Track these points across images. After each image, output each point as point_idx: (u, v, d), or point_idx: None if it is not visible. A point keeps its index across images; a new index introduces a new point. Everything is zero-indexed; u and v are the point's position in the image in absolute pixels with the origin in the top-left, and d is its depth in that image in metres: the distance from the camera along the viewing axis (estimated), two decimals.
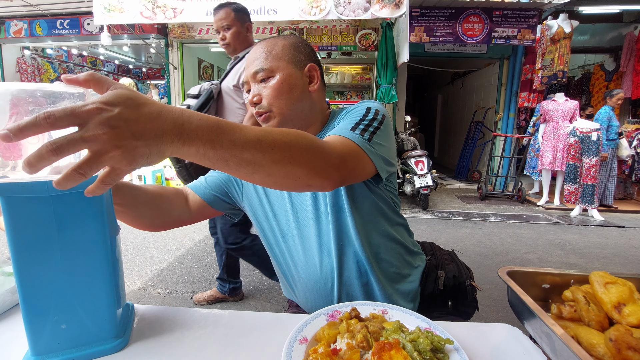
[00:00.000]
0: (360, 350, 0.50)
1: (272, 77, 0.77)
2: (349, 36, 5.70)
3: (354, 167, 0.63)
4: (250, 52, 0.81)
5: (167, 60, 6.23)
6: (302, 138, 0.52)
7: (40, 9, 5.72)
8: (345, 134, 0.65)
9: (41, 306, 0.51)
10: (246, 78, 0.81)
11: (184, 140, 0.41)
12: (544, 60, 5.01)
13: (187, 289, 2.35)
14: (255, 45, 0.82)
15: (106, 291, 0.55)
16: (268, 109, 0.77)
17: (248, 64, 0.80)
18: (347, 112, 0.77)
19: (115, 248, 0.58)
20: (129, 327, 0.61)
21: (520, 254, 3.11)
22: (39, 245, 0.50)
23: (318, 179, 0.54)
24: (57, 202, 0.49)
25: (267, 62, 0.77)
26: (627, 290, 0.56)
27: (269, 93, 0.77)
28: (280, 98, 0.77)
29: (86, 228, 0.52)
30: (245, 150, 0.45)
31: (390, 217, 0.84)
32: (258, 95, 0.78)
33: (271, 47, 0.79)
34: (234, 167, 0.46)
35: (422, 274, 0.89)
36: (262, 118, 0.79)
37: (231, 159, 0.45)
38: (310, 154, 0.53)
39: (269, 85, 0.77)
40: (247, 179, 0.50)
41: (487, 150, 6.07)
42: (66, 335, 0.53)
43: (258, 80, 0.78)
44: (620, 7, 5.29)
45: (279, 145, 0.49)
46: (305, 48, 0.82)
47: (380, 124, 0.71)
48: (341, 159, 0.59)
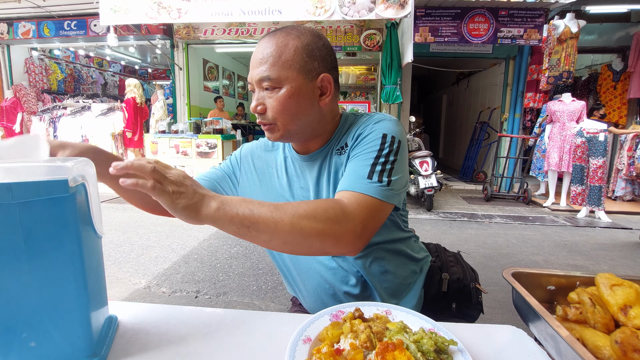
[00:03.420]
0: (363, 350, 0.50)
1: (278, 89, 0.69)
2: (353, 36, 5.69)
3: (377, 224, 0.66)
4: (258, 47, 0.71)
5: (172, 61, 6.27)
6: (325, 220, 0.58)
7: (48, 11, 5.79)
8: (364, 188, 0.63)
9: (8, 322, 0.47)
10: (250, 79, 0.73)
11: (215, 222, 0.55)
12: (550, 61, 4.96)
13: (191, 288, 2.37)
14: (264, 37, 0.72)
15: (80, 306, 0.51)
16: (272, 122, 0.72)
17: (254, 62, 0.71)
18: (362, 139, 0.71)
19: (93, 258, 0.54)
20: (108, 344, 0.56)
21: (526, 255, 3.08)
22: (3, 257, 0.45)
23: (343, 250, 0.62)
24: (24, 210, 0.44)
25: (275, 70, 0.68)
26: (634, 292, 0.55)
27: (274, 106, 0.70)
28: (285, 113, 0.70)
29: (57, 238, 0.47)
30: (275, 237, 0.57)
31: (397, 235, 0.81)
32: (262, 105, 0.71)
33: (282, 49, 0.69)
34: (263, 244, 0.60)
35: (426, 276, 0.88)
36: (265, 128, 0.74)
37: (263, 244, 0.59)
38: (333, 238, 0.59)
39: (275, 97, 0.70)
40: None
41: (493, 151, 6.03)
42: (36, 353, 0.49)
43: (262, 88, 0.71)
44: (628, 7, 5.23)
45: (308, 232, 0.57)
46: (321, 51, 0.73)
47: (397, 154, 0.68)
48: (364, 226, 0.62)
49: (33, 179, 0.44)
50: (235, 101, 9.25)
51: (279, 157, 0.86)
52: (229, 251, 3.06)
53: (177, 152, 5.42)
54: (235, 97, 9.62)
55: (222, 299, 2.25)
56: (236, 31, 5.88)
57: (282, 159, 0.85)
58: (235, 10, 4.21)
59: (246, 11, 4.20)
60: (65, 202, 0.46)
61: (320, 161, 0.79)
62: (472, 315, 0.89)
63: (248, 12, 4.20)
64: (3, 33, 6.26)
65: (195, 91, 6.83)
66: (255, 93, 0.73)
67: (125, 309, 0.68)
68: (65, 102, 6.29)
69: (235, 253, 3.02)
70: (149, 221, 3.90)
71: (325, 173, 0.77)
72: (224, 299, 2.24)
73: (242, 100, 9.85)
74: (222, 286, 2.41)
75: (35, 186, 0.44)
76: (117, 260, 2.84)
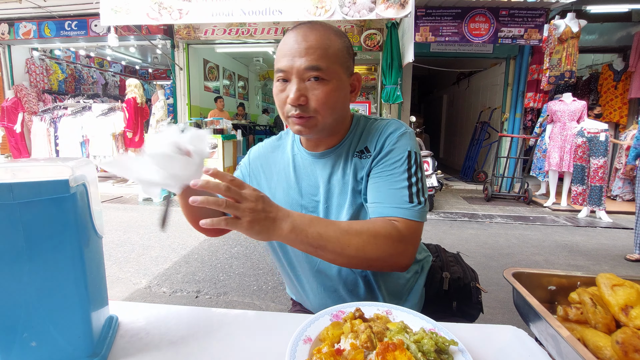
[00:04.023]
0: (364, 350, 0.50)
1: (326, 81, 0.68)
2: (354, 36, 5.69)
3: (420, 241, 0.75)
4: (298, 37, 0.68)
5: (173, 61, 6.28)
6: (387, 247, 0.65)
7: (49, 11, 5.80)
8: (410, 214, 0.69)
9: (9, 322, 0.47)
10: (289, 67, 0.68)
11: (286, 242, 0.62)
12: (551, 60, 4.96)
13: (192, 288, 2.37)
14: (302, 28, 0.69)
15: (80, 306, 0.50)
16: (313, 114, 0.69)
17: (297, 51, 0.67)
18: (387, 153, 0.73)
19: (93, 257, 0.53)
20: (109, 344, 0.56)
21: (527, 255, 3.08)
22: (4, 257, 0.45)
23: (397, 270, 0.72)
24: (25, 210, 0.44)
25: (325, 61, 0.67)
26: (635, 292, 0.55)
27: (320, 97, 0.68)
28: (328, 106, 0.69)
29: (57, 238, 0.47)
30: (340, 257, 0.64)
31: None
32: (305, 96, 0.68)
33: (327, 43, 0.68)
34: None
35: (427, 275, 0.89)
36: (302, 121, 0.70)
37: (327, 260, 0.66)
38: (392, 261, 0.67)
39: (322, 89, 0.68)
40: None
41: (493, 151, 6.02)
42: (36, 353, 0.49)
43: (305, 78, 0.68)
44: (629, 6, 5.22)
45: (371, 257, 0.65)
46: (351, 50, 0.75)
47: (421, 168, 0.74)
48: (414, 247, 0.71)
49: (34, 179, 0.45)
50: (236, 101, 9.26)
51: (286, 154, 0.86)
52: (230, 251, 3.06)
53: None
54: (235, 97, 9.62)
55: (223, 299, 2.25)
56: (236, 31, 5.88)
57: (289, 157, 0.85)
58: (236, 10, 4.21)
59: (247, 11, 4.21)
60: (65, 202, 0.46)
61: (333, 159, 0.79)
62: (472, 315, 0.90)
63: (248, 12, 4.21)
64: (4, 33, 6.27)
65: (195, 91, 6.83)
66: (292, 83, 0.69)
67: (126, 309, 0.68)
68: (66, 102, 6.29)
69: (236, 253, 3.02)
70: (149, 221, 3.91)
71: (338, 172, 0.78)
72: (224, 299, 2.25)
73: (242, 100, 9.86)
74: (222, 286, 2.41)
75: (36, 186, 0.45)
76: (118, 260, 2.85)
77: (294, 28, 0.71)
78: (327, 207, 0.78)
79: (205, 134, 0.63)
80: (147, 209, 4.59)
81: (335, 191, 0.77)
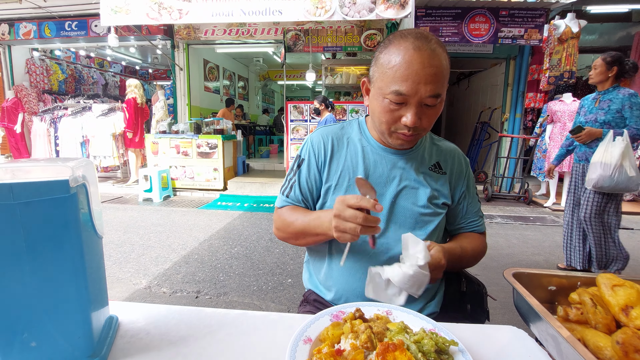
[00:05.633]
0: (364, 350, 0.50)
1: (439, 103, 0.73)
2: (354, 37, 5.70)
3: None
4: (424, 60, 0.67)
5: (173, 61, 6.28)
6: (481, 257, 0.91)
7: (49, 11, 5.80)
8: (483, 225, 0.95)
9: (9, 322, 0.47)
10: (414, 92, 0.69)
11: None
12: (551, 61, 4.96)
13: (192, 289, 2.37)
14: (424, 49, 0.68)
15: (80, 306, 0.51)
16: (420, 132, 0.75)
17: (424, 77, 0.67)
18: (470, 181, 0.94)
19: (93, 258, 0.54)
20: (109, 344, 0.57)
21: (527, 255, 3.08)
22: (4, 257, 0.45)
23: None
24: (25, 210, 0.44)
25: (443, 87, 0.71)
26: (635, 292, 0.55)
27: (431, 119, 0.74)
28: (432, 124, 0.76)
29: (57, 238, 0.47)
30: (461, 267, 0.91)
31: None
32: (419, 120, 0.72)
33: (445, 68, 0.71)
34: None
35: (445, 279, 0.94)
36: (410, 138, 0.76)
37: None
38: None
39: (434, 111, 0.73)
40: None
41: (493, 151, 6.02)
42: (36, 353, 0.49)
43: (424, 103, 0.71)
44: (629, 6, 5.22)
45: (473, 264, 0.90)
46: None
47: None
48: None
49: (34, 179, 0.44)
50: (236, 101, 9.26)
51: (355, 144, 0.88)
52: (230, 251, 3.06)
53: (177, 153, 5.43)
54: (235, 97, 9.62)
55: (223, 299, 2.25)
56: (237, 31, 5.89)
57: (359, 147, 0.87)
58: (236, 10, 4.22)
59: (247, 12, 4.21)
60: (66, 203, 0.46)
61: (402, 159, 0.86)
62: (480, 321, 0.90)
63: (248, 12, 4.21)
64: (4, 34, 6.28)
65: (195, 91, 6.84)
66: (410, 106, 0.71)
67: (126, 309, 0.68)
68: (66, 103, 6.30)
69: (236, 253, 3.02)
70: (149, 221, 3.91)
71: (399, 172, 0.85)
72: (224, 299, 2.24)
73: (242, 100, 9.86)
74: (222, 286, 2.41)
75: (36, 186, 0.44)
76: (118, 260, 2.85)
77: (415, 47, 0.68)
78: (393, 202, 0.84)
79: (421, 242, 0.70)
80: (147, 209, 4.59)
81: (393, 185, 0.84)
